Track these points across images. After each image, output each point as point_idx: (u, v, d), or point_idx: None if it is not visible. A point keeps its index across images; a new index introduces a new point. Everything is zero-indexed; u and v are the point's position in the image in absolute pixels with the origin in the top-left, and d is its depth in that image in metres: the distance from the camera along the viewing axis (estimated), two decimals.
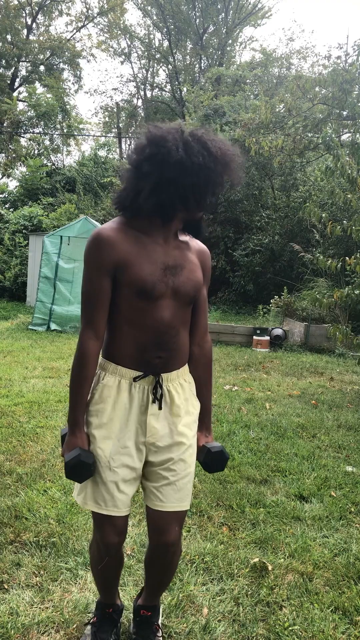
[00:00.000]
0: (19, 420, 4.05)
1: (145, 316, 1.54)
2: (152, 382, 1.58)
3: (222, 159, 1.48)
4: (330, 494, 3.00)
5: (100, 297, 1.55)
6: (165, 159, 1.44)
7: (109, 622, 1.77)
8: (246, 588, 2.10)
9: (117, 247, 1.52)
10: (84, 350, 1.56)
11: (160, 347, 1.56)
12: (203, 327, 1.72)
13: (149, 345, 1.56)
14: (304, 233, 12.18)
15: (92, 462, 1.55)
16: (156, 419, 1.59)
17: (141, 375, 1.57)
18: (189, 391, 1.67)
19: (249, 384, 5.79)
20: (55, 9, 24.68)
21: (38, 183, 16.84)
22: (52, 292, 9.25)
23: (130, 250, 1.52)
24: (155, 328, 1.54)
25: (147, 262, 1.52)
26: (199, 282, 1.62)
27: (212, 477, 3.12)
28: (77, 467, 1.52)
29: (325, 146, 5.89)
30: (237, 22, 24.14)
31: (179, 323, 1.59)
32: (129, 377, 1.58)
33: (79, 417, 1.58)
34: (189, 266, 1.60)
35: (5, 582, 2.07)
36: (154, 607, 1.79)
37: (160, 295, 1.53)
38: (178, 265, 1.57)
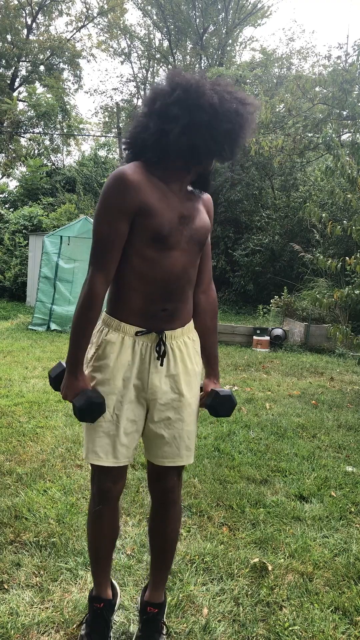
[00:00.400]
0: (19, 420, 4.05)
1: (155, 266, 1.53)
2: (156, 339, 1.58)
3: (251, 108, 1.50)
4: (330, 494, 3.00)
5: (116, 241, 1.51)
6: (197, 103, 1.44)
7: (100, 619, 1.74)
8: (246, 588, 2.10)
9: (141, 191, 1.49)
10: (94, 292, 1.52)
11: (168, 298, 1.57)
12: (208, 272, 1.74)
13: (156, 296, 1.56)
14: (304, 233, 12.18)
15: (102, 400, 1.55)
16: (158, 376, 1.60)
17: (144, 331, 1.57)
18: (192, 349, 1.67)
19: (249, 384, 5.79)
20: (55, 9, 24.69)
21: (38, 183, 16.85)
22: (52, 292, 9.25)
23: (152, 196, 1.51)
24: (165, 278, 1.54)
25: (167, 210, 1.52)
26: (209, 228, 1.65)
27: (212, 477, 3.12)
28: (90, 408, 1.52)
29: (325, 146, 5.89)
30: (237, 22, 24.14)
31: (188, 275, 1.61)
32: (132, 333, 1.58)
33: (80, 357, 1.56)
34: (200, 215, 1.62)
35: (5, 582, 2.07)
36: (160, 604, 1.79)
37: (174, 243, 1.54)
38: (190, 215, 1.58)
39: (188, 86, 1.46)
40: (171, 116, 1.45)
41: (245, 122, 1.49)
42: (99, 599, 1.77)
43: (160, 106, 1.48)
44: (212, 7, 23.36)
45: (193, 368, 1.66)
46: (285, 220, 12.84)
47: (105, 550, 1.77)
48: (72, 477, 3.03)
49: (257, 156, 9.73)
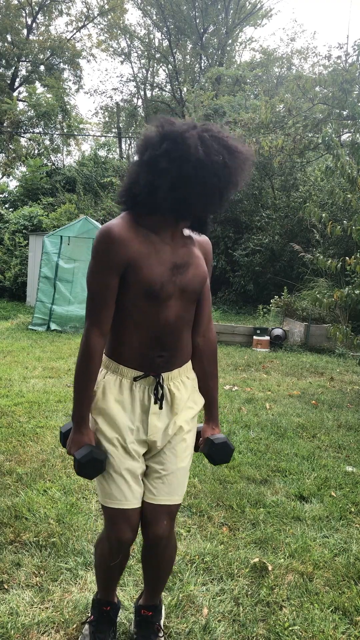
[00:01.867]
0: (19, 420, 4.05)
1: (150, 317, 1.53)
2: (153, 382, 1.59)
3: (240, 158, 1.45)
4: (330, 494, 3.00)
5: (107, 296, 1.53)
6: (184, 156, 1.39)
7: (106, 621, 1.76)
8: (246, 588, 2.10)
9: (128, 246, 1.49)
10: (91, 347, 1.54)
11: (163, 346, 1.57)
12: (207, 316, 1.70)
13: (151, 344, 1.56)
14: (304, 233, 12.18)
15: (104, 458, 1.55)
16: (157, 417, 1.60)
17: (141, 376, 1.58)
18: (191, 388, 1.67)
19: (249, 384, 5.79)
20: (55, 9, 24.68)
21: (38, 183, 16.84)
22: (52, 292, 9.25)
23: (140, 250, 1.50)
24: (160, 328, 1.54)
25: (156, 263, 1.50)
26: (205, 276, 1.61)
27: (212, 477, 3.12)
28: (90, 464, 1.53)
29: (325, 146, 5.89)
30: (237, 22, 24.14)
31: (184, 321, 1.59)
32: (130, 376, 1.58)
33: (85, 413, 1.58)
34: (195, 262, 1.58)
35: (5, 582, 2.07)
36: (154, 607, 1.78)
37: (167, 296, 1.52)
38: (185, 263, 1.55)
39: (175, 136, 1.41)
40: (160, 170, 1.42)
41: (233, 174, 1.43)
42: (106, 602, 1.78)
43: (149, 157, 1.44)
44: (212, 7, 23.36)
45: (193, 406, 1.67)
46: (285, 220, 12.83)
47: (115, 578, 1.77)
48: (72, 477, 3.02)
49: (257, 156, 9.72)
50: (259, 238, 12.87)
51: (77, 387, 1.57)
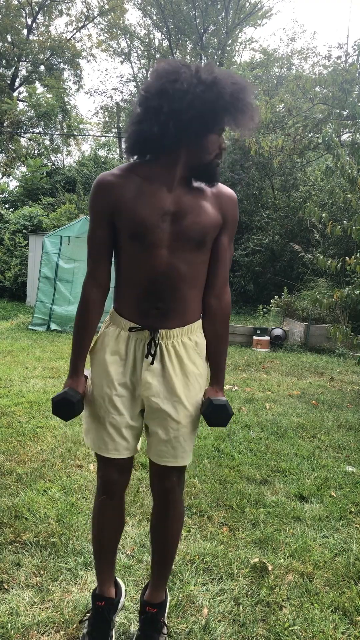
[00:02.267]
0: (19, 420, 4.05)
1: (140, 264, 1.53)
2: (148, 337, 1.57)
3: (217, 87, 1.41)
4: (330, 494, 3.00)
5: (98, 245, 1.58)
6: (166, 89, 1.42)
7: (101, 618, 1.73)
8: (246, 588, 2.10)
9: (114, 191, 1.51)
10: (85, 297, 1.61)
11: (158, 296, 1.54)
12: (222, 277, 1.64)
13: (146, 294, 1.55)
14: (304, 233, 12.18)
15: (77, 400, 1.60)
16: (151, 374, 1.58)
17: (137, 328, 1.57)
18: (192, 350, 1.62)
19: (249, 384, 5.79)
20: (55, 9, 24.69)
21: (38, 183, 16.85)
22: (52, 292, 9.25)
23: (127, 195, 1.50)
24: (151, 277, 1.52)
25: (143, 207, 1.49)
26: (208, 226, 1.53)
27: (212, 477, 3.12)
28: (61, 402, 1.59)
29: (325, 146, 5.89)
30: (237, 22, 24.14)
31: (181, 273, 1.53)
32: (127, 328, 1.59)
33: (77, 361, 1.64)
34: (197, 211, 1.52)
35: (5, 582, 2.07)
36: (159, 604, 1.78)
37: (155, 241, 1.50)
38: (181, 210, 1.50)
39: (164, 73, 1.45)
40: (148, 108, 1.45)
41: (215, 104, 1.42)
42: (100, 597, 1.76)
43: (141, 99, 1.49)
44: (212, 7, 23.36)
45: (192, 370, 1.62)
46: (285, 220, 12.83)
47: (108, 544, 1.76)
48: (72, 477, 3.03)
49: (257, 156, 9.72)
50: (259, 238, 12.87)
51: (74, 336, 1.65)
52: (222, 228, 1.59)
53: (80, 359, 1.65)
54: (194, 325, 1.63)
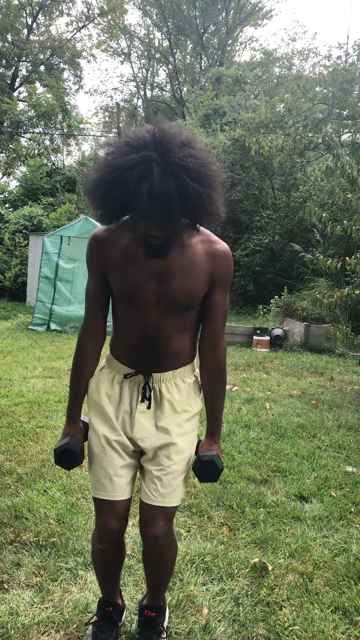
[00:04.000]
0: (19, 420, 4.05)
1: (132, 319, 1.55)
2: (142, 381, 1.60)
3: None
4: (330, 494, 3.00)
5: (92, 296, 1.62)
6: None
7: (109, 622, 1.76)
8: (246, 588, 2.10)
9: (108, 250, 1.52)
10: (79, 345, 1.66)
11: (149, 349, 1.56)
12: (215, 333, 1.63)
13: (137, 345, 1.57)
14: (304, 233, 12.17)
15: (79, 451, 1.63)
16: (144, 416, 1.60)
17: (132, 373, 1.60)
18: (185, 392, 1.62)
19: (249, 384, 5.79)
20: (55, 9, 24.69)
21: (38, 183, 16.84)
22: (52, 292, 9.25)
23: (118, 254, 1.50)
24: (142, 331, 1.54)
25: (130, 268, 1.49)
26: (194, 291, 1.51)
27: None
28: (64, 454, 1.62)
29: (325, 146, 5.89)
30: (237, 22, 24.15)
31: (171, 329, 1.54)
32: (122, 372, 1.62)
33: (74, 407, 1.69)
34: (186, 273, 1.49)
35: (5, 582, 2.07)
36: (158, 608, 1.78)
37: (143, 301, 1.50)
38: (168, 272, 1.48)
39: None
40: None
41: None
42: (108, 603, 1.78)
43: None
44: (212, 7, 23.38)
45: (186, 409, 1.62)
46: (286, 220, 12.83)
47: (112, 574, 1.76)
48: (72, 477, 3.03)
49: (257, 156, 9.73)
50: (259, 238, 12.86)
51: (70, 383, 1.69)
52: (213, 286, 1.55)
53: (77, 405, 1.68)
54: (186, 368, 1.63)
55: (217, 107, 16.06)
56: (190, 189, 1.29)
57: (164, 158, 1.28)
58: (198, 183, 1.30)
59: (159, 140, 1.31)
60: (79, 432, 1.67)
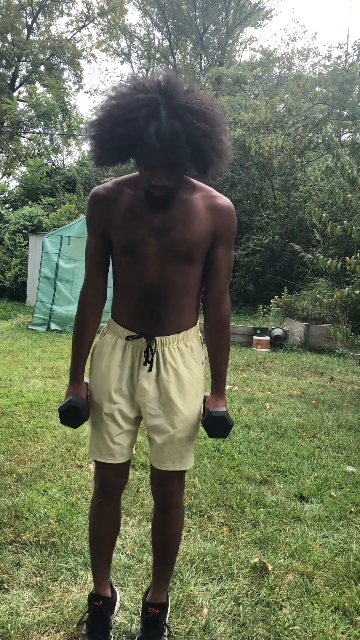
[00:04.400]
0: (19, 420, 4.05)
1: (132, 276, 1.55)
2: (145, 344, 1.59)
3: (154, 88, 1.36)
4: (330, 494, 3.00)
5: (93, 254, 1.62)
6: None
7: (100, 618, 1.74)
8: (246, 588, 2.10)
9: (107, 205, 1.54)
10: (82, 304, 1.66)
11: (152, 305, 1.55)
12: (217, 289, 1.61)
13: (140, 303, 1.56)
14: (304, 233, 12.18)
15: (84, 407, 1.63)
16: (148, 380, 1.60)
17: (134, 336, 1.59)
18: (188, 356, 1.62)
19: (249, 384, 5.79)
20: (55, 9, 24.68)
21: (38, 183, 16.84)
22: (52, 292, 9.25)
23: (117, 210, 1.52)
24: (143, 287, 1.54)
25: (131, 222, 1.50)
26: (195, 242, 1.51)
27: (212, 477, 3.12)
28: (68, 411, 1.62)
29: (325, 146, 5.89)
30: (237, 22, 24.14)
31: (173, 283, 1.53)
32: (124, 336, 1.61)
33: (77, 367, 1.67)
34: (184, 226, 1.49)
35: (5, 582, 2.07)
36: (162, 605, 1.79)
37: (145, 254, 1.51)
38: (168, 225, 1.49)
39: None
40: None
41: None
42: (97, 597, 1.77)
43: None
44: (212, 7, 23.37)
45: (188, 375, 1.62)
46: (286, 220, 12.83)
47: (105, 545, 1.78)
48: (72, 477, 3.03)
49: (257, 156, 9.72)
50: (259, 238, 12.87)
51: (73, 342, 1.68)
52: (216, 241, 1.56)
53: (80, 365, 1.68)
54: (189, 331, 1.63)
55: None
56: (198, 129, 1.33)
57: (171, 102, 1.32)
58: (206, 123, 1.34)
59: (164, 86, 1.35)
60: (83, 391, 1.66)
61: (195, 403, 1.65)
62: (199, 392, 1.67)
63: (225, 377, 1.72)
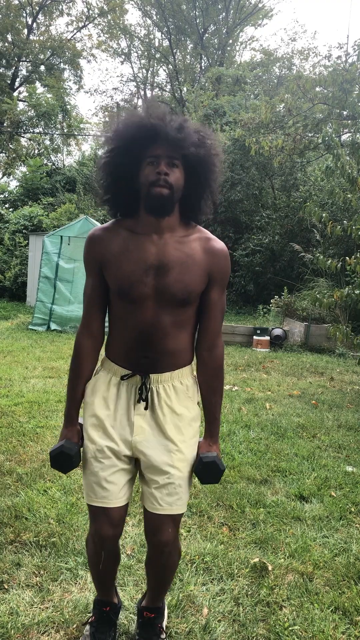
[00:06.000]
0: (19, 420, 4.05)
1: (129, 316, 1.54)
2: (139, 382, 1.57)
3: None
4: (330, 494, 3.00)
5: (90, 295, 1.62)
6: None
7: (106, 621, 1.76)
8: (246, 588, 2.10)
9: (102, 246, 1.55)
10: (76, 345, 1.64)
11: (146, 347, 1.54)
12: (212, 332, 1.62)
13: (134, 344, 1.55)
14: (304, 233, 12.17)
15: (75, 453, 1.61)
16: (143, 419, 1.57)
17: (129, 375, 1.57)
18: (183, 393, 1.60)
19: (249, 384, 5.79)
20: (55, 9, 24.68)
21: (38, 183, 16.84)
22: (52, 292, 9.25)
23: (114, 250, 1.53)
24: (139, 328, 1.52)
25: (127, 262, 1.50)
26: (191, 285, 1.51)
27: None
28: (59, 457, 1.60)
29: (325, 146, 5.90)
30: (237, 22, 24.14)
31: (168, 325, 1.53)
32: (119, 374, 1.59)
33: (71, 410, 1.66)
34: (183, 266, 1.50)
35: (5, 582, 2.07)
36: (157, 609, 1.78)
37: (140, 296, 1.50)
38: (165, 265, 1.49)
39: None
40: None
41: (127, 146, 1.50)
42: (105, 602, 1.78)
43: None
44: (212, 7, 23.36)
45: (185, 413, 1.59)
46: (286, 220, 12.83)
47: (108, 577, 1.75)
48: (72, 477, 3.03)
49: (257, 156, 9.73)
50: (259, 238, 12.86)
51: (68, 385, 1.67)
52: (211, 284, 1.56)
53: (74, 407, 1.65)
54: (184, 370, 1.61)
55: (217, 107, 16.06)
56: (195, 137, 1.48)
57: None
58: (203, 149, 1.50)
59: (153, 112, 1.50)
60: (76, 435, 1.63)
61: (192, 442, 1.62)
62: (196, 431, 1.64)
63: (219, 422, 1.70)
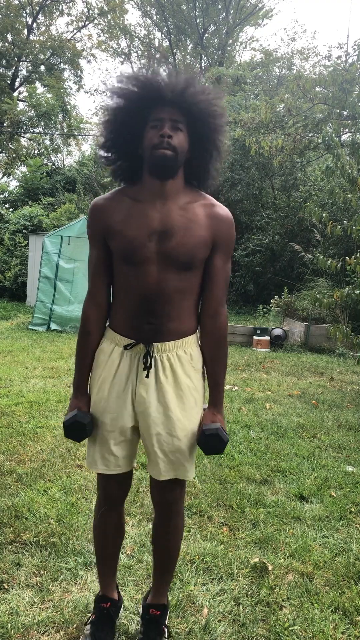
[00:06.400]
0: (19, 420, 4.05)
1: (132, 282, 1.55)
2: (143, 351, 1.57)
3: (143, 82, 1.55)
4: (330, 494, 3.00)
5: (95, 266, 1.63)
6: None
7: (106, 619, 1.76)
8: (246, 588, 2.10)
9: (105, 215, 1.56)
10: (83, 316, 1.65)
11: (150, 313, 1.54)
12: (215, 299, 1.61)
13: (137, 311, 1.56)
14: (304, 233, 12.17)
15: (88, 422, 1.62)
16: (145, 388, 1.57)
17: (132, 344, 1.58)
18: (187, 363, 1.60)
19: (249, 384, 5.79)
20: (55, 9, 24.67)
21: (38, 183, 16.84)
22: (52, 292, 9.25)
23: (117, 217, 1.54)
24: (143, 294, 1.53)
25: (131, 228, 1.52)
26: (194, 249, 1.52)
27: (212, 477, 3.12)
28: (73, 426, 1.61)
29: (325, 146, 5.90)
30: (237, 22, 24.14)
31: (172, 290, 1.53)
32: (122, 344, 1.60)
33: (80, 380, 1.67)
34: (185, 232, 1.51)
35: (5, 582, 2.07)
36: (163, 606, 1.79)
37: (143, 260, 1.51)
38: (168, 230, 1.50)
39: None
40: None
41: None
42: (105, 598, 1.78)
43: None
44: (212, 7, 23.35)
45: (187, 383, 1.60)
46: (286, 220, 12.83)
47: (110, 550, 1.78)
48: (72, 477, 3.03)
49: (257, 156, 9.73)
50: (259, 238, 12.86)
51: (76, 355, 1.68)
52: (215, 250, 1.57)
53: (83, 378, 1.67)
54: (189, 339, 1.61)
55: None
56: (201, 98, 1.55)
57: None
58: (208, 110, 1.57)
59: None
60: (86, 405, 1.66)
61: (194, 412, 1.63)
62: (197, 401, 1.64)
63: (223, 390, 1.70)
